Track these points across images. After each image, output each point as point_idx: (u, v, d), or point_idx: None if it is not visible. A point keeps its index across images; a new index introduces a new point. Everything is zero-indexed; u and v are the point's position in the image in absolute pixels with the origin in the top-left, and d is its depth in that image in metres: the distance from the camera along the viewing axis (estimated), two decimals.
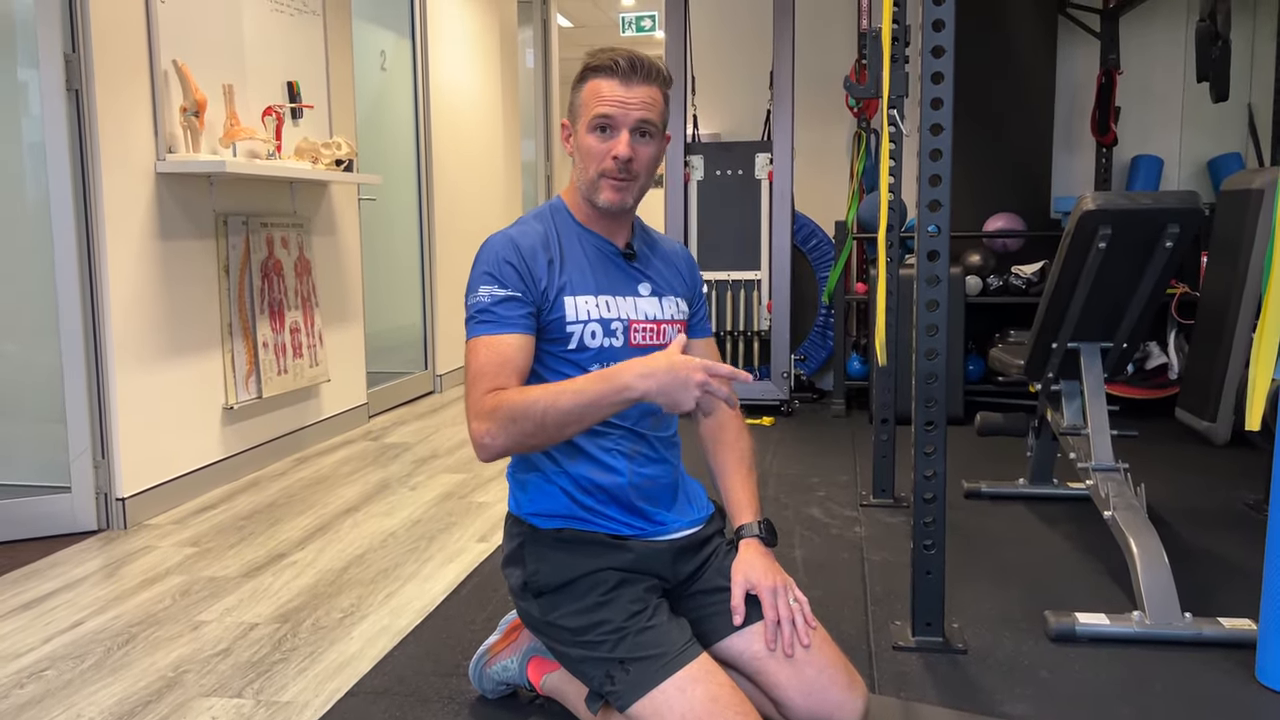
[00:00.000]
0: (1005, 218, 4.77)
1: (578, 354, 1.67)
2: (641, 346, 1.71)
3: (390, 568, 2.78)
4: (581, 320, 1.66)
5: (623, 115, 1.63)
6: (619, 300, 1.71)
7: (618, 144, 1.63)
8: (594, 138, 1.65)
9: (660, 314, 1.75)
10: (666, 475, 1.75)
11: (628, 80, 1.63)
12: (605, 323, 1.68)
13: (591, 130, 1.65)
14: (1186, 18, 4.96)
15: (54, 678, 2.13)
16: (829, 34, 5.34)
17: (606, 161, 1.64)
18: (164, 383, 3.32)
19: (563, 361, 1.68)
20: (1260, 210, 2.73)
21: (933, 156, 2.07)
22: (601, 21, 10.80)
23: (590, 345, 1.67)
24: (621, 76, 1.63)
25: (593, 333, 1.67)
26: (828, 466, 3.79)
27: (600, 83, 1.64)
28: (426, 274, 5.56)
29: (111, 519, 3.15)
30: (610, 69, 1.63)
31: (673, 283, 1.81)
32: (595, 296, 1.69)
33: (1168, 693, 1.98)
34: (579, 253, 1.71)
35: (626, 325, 1.70)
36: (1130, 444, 3.83)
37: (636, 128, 1.63)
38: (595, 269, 1.71)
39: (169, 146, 3.30)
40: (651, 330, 1.73)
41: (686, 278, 1.84)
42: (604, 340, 1.68)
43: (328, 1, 4.27)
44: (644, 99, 1.64)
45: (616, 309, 1.70)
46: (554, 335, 1.66)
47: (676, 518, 1.74)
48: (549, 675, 1.83)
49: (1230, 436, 2.88)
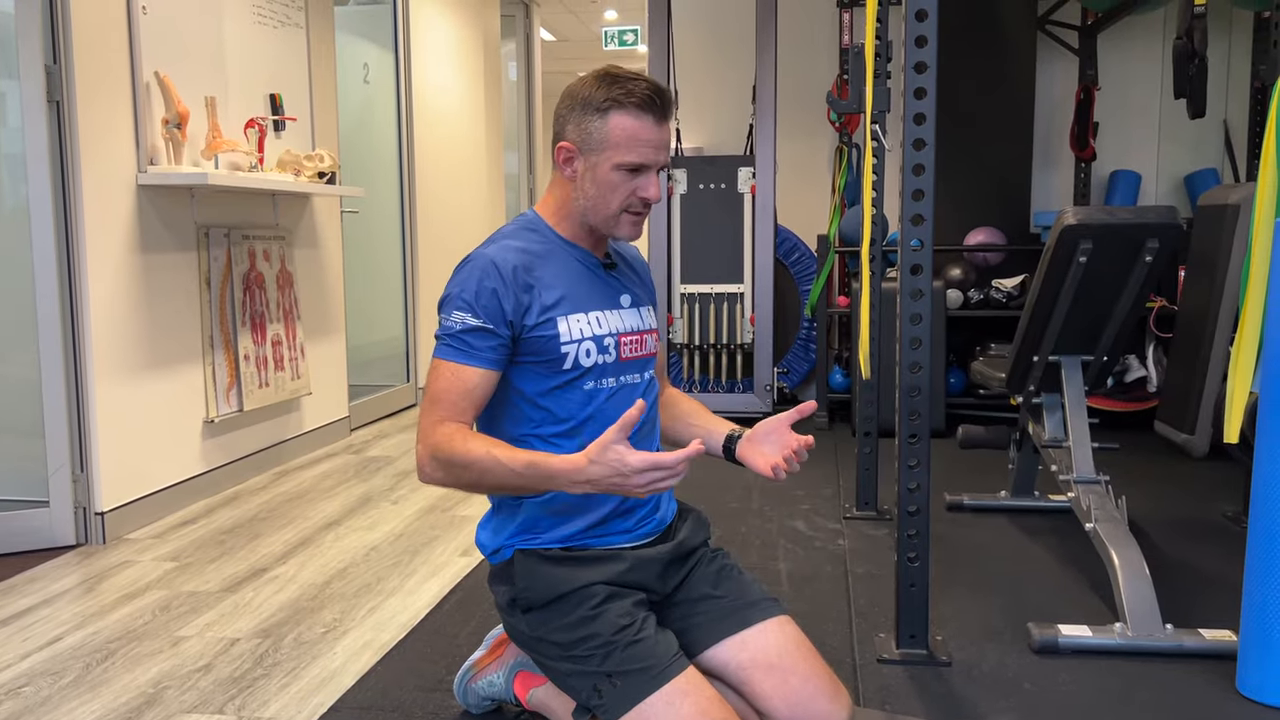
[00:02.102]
0: (986, 232, 4.80)
1: (572, 372, 1.66)
2: (631, 359, 1.72)
3: (373, 582, 2.77)
4: (576, 339, 1.65)
5: (656, 158, 1.62)
6: (607, 315, 1.71)
7: (649, 185, 1.63)
8: (620, 175, 1.62)
9: (640, 324, 1.76)
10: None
11: (660, 120, 1.61)
12: (599, 340, 1.68)
13: (619, 169, 1.62)
14: (1164, 35, 5.03)
15: (31, 694, 2.11)
16: (811, 49, 5.38)
17: (633, 199, 1.63)
18: (144, 396, 3.30)
19: (556, 379, 1.66)
20: (1237, 225, 2.76)
21: (915, 171, 2.09)
22: (584, 35, 10.83)
23: (585, 364, 1.66)
24: (656, 116, 1.60)
25: (587, 351, 1.66)
26: (811, 479, 3.80)
27: (632, 122, 1.59)
28: (409, 287, 5.54)
29: (90, 533, 3.12)
30: (642, 107, 1.59)
31: (644, 292, 1.83)
32: (586, 314, 1.68)
33: (1150, 704, 1.99)
34: (563, 269, 1.69)
35: (616, 340, 1.71)
36: (1111, 456, 3.86)
37: (662, 167, 1.65)
38: (580, 285, 1.70)
39: (150, 158, 3.28)
40: (636, 341, 1.74)
41: (649, 284, 1.88)
42: (598, 358, 1.68)
43: (311, 14, 4.27)
44: (668, 138, 1.64)
45: (606, 324, 1.70)
46: (548, 356, 1.64)
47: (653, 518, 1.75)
48: (535, 690, 1.82)
49: (1209, 449, 2.90)
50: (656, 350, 1.80)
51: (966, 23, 4.86)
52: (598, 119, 1.61)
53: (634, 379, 1.73)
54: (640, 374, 1.75)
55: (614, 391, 1.70)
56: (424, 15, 5.62)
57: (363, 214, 5.24)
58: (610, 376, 1.69)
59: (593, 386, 1.67)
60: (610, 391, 1.69)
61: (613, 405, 1.69)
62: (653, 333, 1.79)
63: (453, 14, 6.07)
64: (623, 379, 1.71)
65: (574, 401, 1.67)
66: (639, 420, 1.45)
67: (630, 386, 1.72)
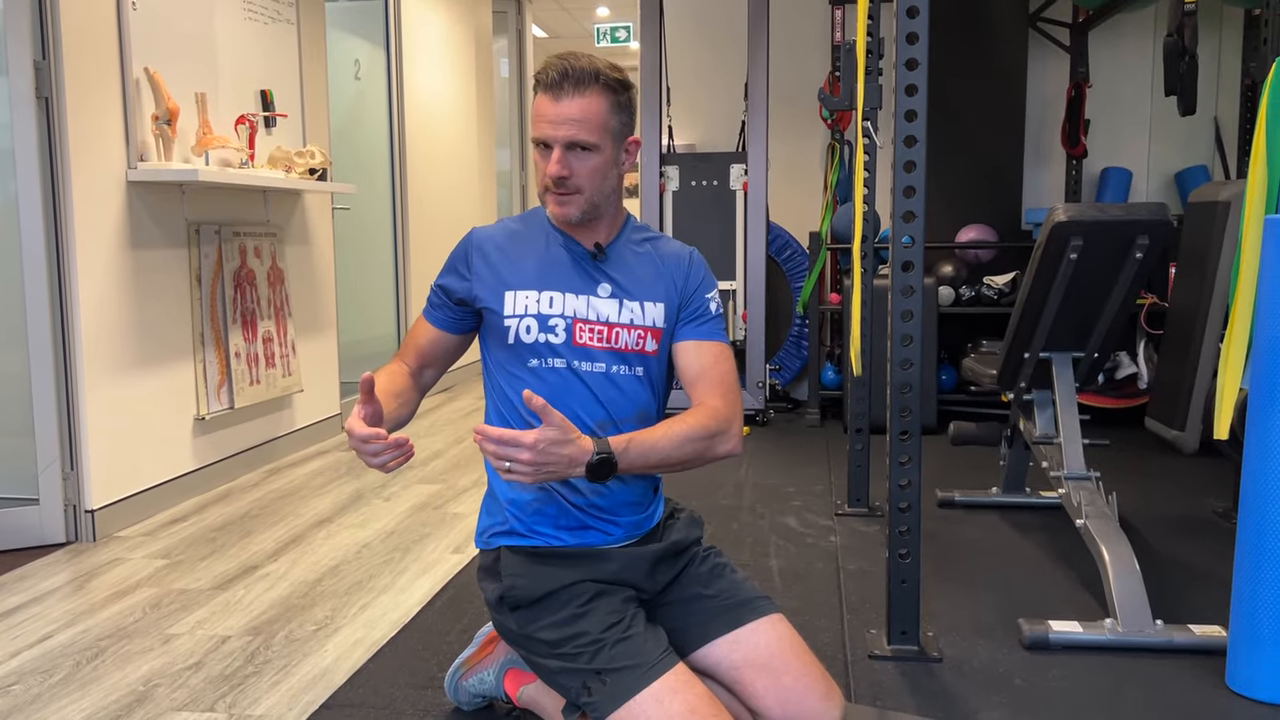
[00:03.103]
0: (977, 229, 4.81)
1: (515, 348, 1.69)
2: (586, 346, 1.69)
3: (364, 579, 2.76)
4: (517, 315, 1.69)
5: (553, 134, 1.63)
6: (567, 297, 1.70)
7: (550, 162, 1.65)
8: (538, 154, 1.67)
9: (616, 317, 1.71)
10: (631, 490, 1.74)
11: (557, 94, 1.63)
12: (543, 319, 1.68)
13: (536, 147, 1.68)
14: (1154, 32, 5.03)
15: (21, 692, 2.10)
16: (803, 46, 5.37)
17: (546, 178, 1.66)
18: (135, 393, 3.29)
19: (508, 356, 1.71)
20: (1227, 222, 2.77)
21: (907, 168, 2.09)
22: (576, 32, 10.82)
23: (525, 340, 1.68)
24: (552, 91, 1.63)
25: (527, 327, 1.68)
26: (803, 476, 3.80)
27: (542, 100, 1.65)
28: (400, 283, 5.53)
29: (80, 531, 3.10)
30: (548, 85, 1.63)
31: (651, 288, 1.74)
32: (538, 292, 1.69)
33: (1140, 699, 2.00)
34: (539, 251, 1.72)
35: (570, 322, 1.69)
36: (1101, 453, 3.86)
37: (568, 145, 1.63)
38: (548, 267, 1.71)
39: (141, 155, 3.27)
40: (601, 331, 1.70)
41: (679, 282, 1.76)
42: (540, 335, 1.68)
43: (302, 10, 4.25)
44: (575, 114, 1.62)
45: (561, 305, 1.69)
46: (495, 329, 1.72)
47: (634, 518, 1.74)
48: (526, 687, 1.82)
49: (1199, 445, 2.91)
50: (644, 349, 1.72)
51: (958, 20, 4.87)
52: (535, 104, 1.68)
53: (594, 368, 1.69)
54: (607, 365, 1.69)
55: (564, 373, 1.68)
56: (415, 11, 5.61)
57: (354, 211, 5.22)
58: (558, 358, 1.68)
59: (537, 364, 1.69)
60: (559, 373, 1.68)
61: (566, 387, 1.67)
62: (636, 329, 1.71)
63: (444, 10, 6.06)
64: (576, 364, 1.68)
65: (523, 377, 1.70)
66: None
67: (591, 374, 1.68)
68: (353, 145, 5.24)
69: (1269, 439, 1.94)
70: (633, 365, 1.72)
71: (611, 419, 1.69)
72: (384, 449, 1.49)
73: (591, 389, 1.69)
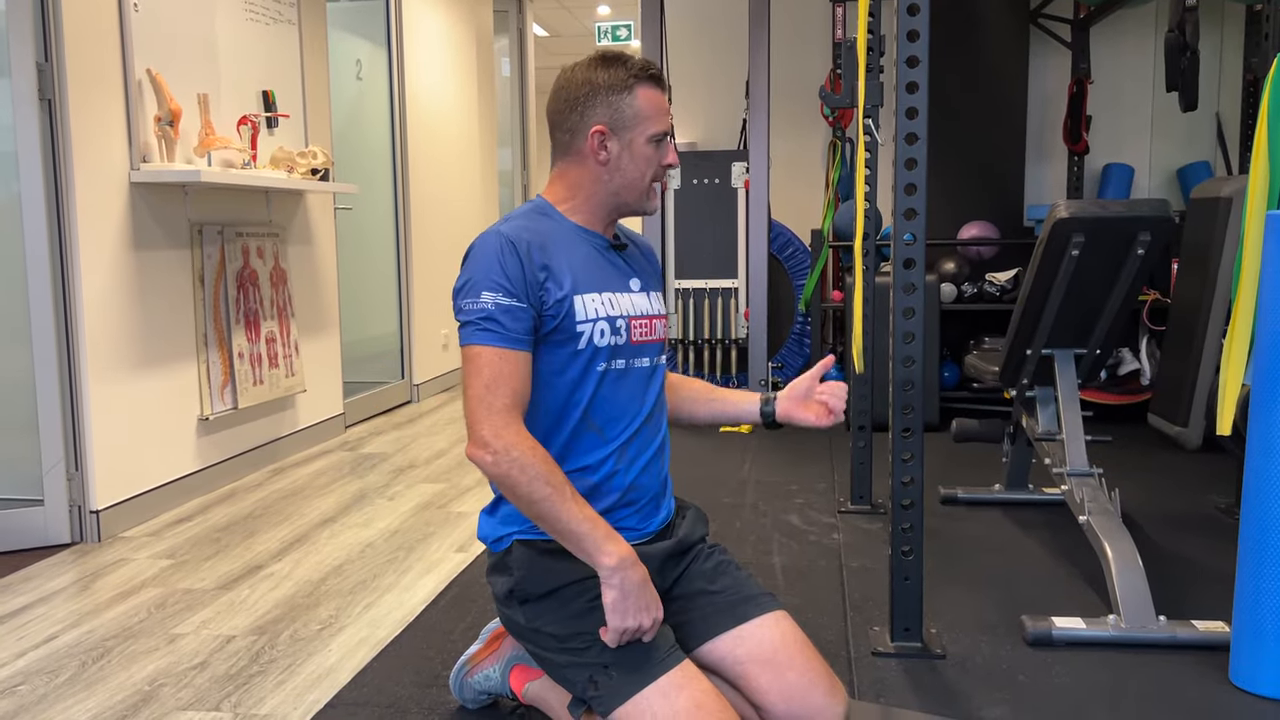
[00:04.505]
0: (979, 225, 4.81)
1: (585, 352, 1.65)
2: (639, 343, 1.72)
3: (368, 578, 2.77)
4: (591, 319, 1.65)
5: (669, 125, 1.72)
6: (618, 297, 1.71)
7: (670, 153, 1.71)
8: (652, 147, 1.68)
9: (649, 309, 1.76)
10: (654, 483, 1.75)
11: (661, 87, 1.71)
12: (612, 320, 1.68)
13: (651, 141, 1.68)
14: (1156, 28, 5.03)
15: (27, 693, 2.11)
16: (804, 44, 5.38)
17: (659, 169, 1.70)
18: (138, 394, 3.29)
19: (567, 361, 1.65)
20: (1229, 217, 2.77)
21: (908, 165, 2.09)
22: (577, 31, 10.82)
23: (600, 344, 1.66)
24: (657, 83, 1.70)
25: (601, 331, 1.66)
26: (806, 474, 3.80)
27: (655, 94, 1.69)
28: (403, 283, 5.54)
29: (85, 532, 3.11)
30: (656, 79, 1.70)
31: (653, 276, 1.85)
32: (600, 294, 1.68)
33: (1143, 695, 2.00)
34: (575, 250, 1.69)
35: (628, 322, 1.71)
36: (1104, 449, 3.87)
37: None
38: (591, 267, 1.70)
39: (143, 156, 3.28)
40: (646, 325, 1.74)
41: (658, 271, 1.90)
42: (612, 339, 1.67)
43: (303, 10, 4.26)
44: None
45: (618, 306, 1.70)
46: (563, 335, 1.64)
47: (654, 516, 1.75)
48: (531, 684, 1.82)
49: (1202, 441, 2.91)
50: (665, 336, 1.80)
51: (959, 16, 4.87)
52: (627, 96, 1.66)
53: (643, 363, 1.73)
54: (650, 359, 1.74)
55: (622, 374, 1.70)
56: (416, 11, 5.61)
57: (356, 211, 5.23)
58: (621, 359, 1.69)
59: (604, 368, 1.67)
60: (618, 374, 1.69)
61: (619, 388, 1.68)
62: (662, 318, 1.79)
63: (445, 10, 6.06)
64: (632, 362, 1.71)
65: (585, 383, 1.66)
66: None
67: (639, 370, 1.72)
68: (354, 145, 5.25)
69: (1271, 434, 1.94)
70: (661, 353, 1.79)
71: (655, 409, 1.75)
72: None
73: (642, 383, 1.72)
